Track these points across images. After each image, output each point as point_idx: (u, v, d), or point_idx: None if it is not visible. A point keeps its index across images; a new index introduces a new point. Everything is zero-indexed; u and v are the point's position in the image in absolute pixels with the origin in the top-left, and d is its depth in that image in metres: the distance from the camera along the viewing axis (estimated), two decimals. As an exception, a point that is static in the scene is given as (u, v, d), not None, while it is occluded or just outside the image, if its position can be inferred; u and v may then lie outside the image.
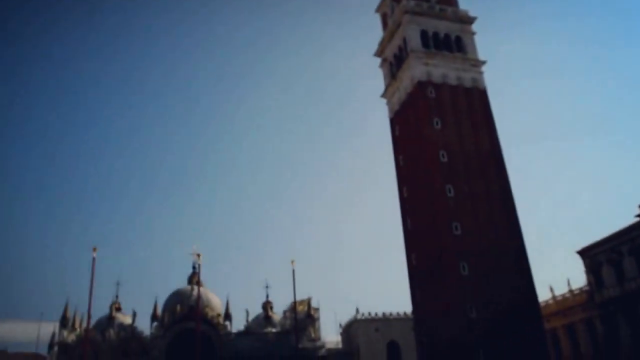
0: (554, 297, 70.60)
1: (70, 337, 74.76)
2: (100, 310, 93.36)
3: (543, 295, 66.00)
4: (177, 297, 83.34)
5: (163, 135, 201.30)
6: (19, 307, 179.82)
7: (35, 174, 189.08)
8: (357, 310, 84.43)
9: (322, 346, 78.76)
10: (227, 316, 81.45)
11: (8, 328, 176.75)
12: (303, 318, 77.03)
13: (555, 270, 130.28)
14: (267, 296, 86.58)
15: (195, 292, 70.09)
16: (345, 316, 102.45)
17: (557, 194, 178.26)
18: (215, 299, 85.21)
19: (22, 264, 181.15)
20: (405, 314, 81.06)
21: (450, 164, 60.96)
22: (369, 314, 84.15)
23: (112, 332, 75.77)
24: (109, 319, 78.22)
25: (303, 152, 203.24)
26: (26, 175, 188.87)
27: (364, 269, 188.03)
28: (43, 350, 78.68)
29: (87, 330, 55.21)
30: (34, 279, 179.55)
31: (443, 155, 61.26)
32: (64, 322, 76.16)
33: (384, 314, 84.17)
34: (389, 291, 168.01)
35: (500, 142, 63.93)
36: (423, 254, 61.74)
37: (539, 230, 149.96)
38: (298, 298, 67.53)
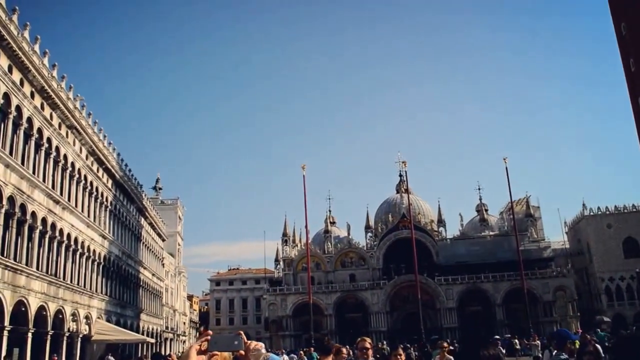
0: None
1: (292, 252, 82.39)
2: (316, 224, 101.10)
3: None
4: (387, 207, 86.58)
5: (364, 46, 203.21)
6: (246, 230, 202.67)
7: (244, 100, 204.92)
8: (584, 206, 79.28)
9: (547, 247, 76.44)
10: (440, 222, 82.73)
11: (238, 249, 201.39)
12: (522, 218, 75.15)
13: None
14: (480, 198, 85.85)
15: (405, 200, 71.73)
16: (571, 213, 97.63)
17: None
18: (425, 205, 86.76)
19: (244, 190, 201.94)
20: (643, 205, 74.49)
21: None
22: (599, 208, 78.60)
23: (329, 245, 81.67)
24: (325, 233, 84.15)
25: (502, 36, 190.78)
26: (236, 103, 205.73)
27: (588, 159, 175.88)
28: (270, 266, 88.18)
29: (306, 244, 60.25)
30: (255, 203, 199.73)
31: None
32: (284, 239, 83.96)
33: (616, 207, 77.99)
34: (620, 181, 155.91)
35: None
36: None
37: None
38: (515, 197, 65.82)
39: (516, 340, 46.45)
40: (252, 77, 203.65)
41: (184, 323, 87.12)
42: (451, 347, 13.88)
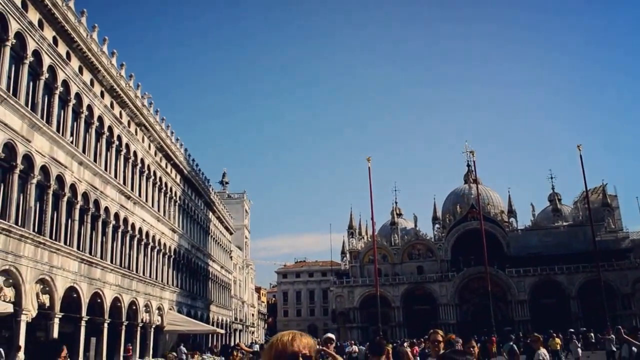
0: None
1: (359, 245, 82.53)
2: (382, 216, 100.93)
3: None
4: (455, 197, 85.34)
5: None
6: (312, 223, 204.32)
7: (308, 98, 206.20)
8: (666, 193, 75.67)
9: (625, 237, 73.51)
10: (511, 212, 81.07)
11: (305, 241, 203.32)
12: (598, 208, 72.49)
13: None
14: (553, 187, 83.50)
15: (473, 191, 70.50)
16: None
17: None
18: (495, 195, 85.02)
19: (310, 183, 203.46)
20: None
21: None
22: (683, 195, 74.76)
23: (396, 237, 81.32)
24: (392, 225, 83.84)
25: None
26: (300, 97, 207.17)
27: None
28: (336, 258, 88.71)
29: (373, 236, 60.14)
30: (321, 196, 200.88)
31: None
32: (350, 231, 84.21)
33: (702, 194, 73.92)
34: None
35: None
36: None
37: None
38: (590, 186, 63.42)
39: (591, 334, 45.08)
40: (319, 72, 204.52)
41: (252, 314, 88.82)
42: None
